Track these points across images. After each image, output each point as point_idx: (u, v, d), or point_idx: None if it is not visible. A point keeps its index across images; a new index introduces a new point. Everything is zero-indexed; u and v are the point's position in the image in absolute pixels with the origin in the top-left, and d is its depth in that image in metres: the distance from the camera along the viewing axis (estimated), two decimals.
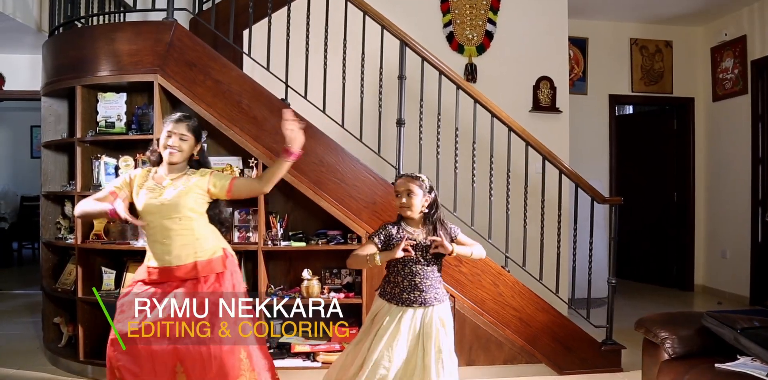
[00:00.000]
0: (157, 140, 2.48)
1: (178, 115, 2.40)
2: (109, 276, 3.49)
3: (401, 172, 3.41)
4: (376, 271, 3.32)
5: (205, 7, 4.29)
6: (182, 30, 3.30)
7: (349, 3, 3.37)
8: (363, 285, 3.32)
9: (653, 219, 6.11)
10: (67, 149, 3.82)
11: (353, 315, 3.46)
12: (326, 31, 3.40)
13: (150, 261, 2.37)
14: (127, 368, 2.20)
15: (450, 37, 4.48)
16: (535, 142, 3.49)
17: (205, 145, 3.38)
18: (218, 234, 2.47)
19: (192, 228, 2.33)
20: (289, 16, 3.41)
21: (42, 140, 3.77)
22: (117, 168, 3.46)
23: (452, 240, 2.35)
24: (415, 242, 2.29)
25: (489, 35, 4.53)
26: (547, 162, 3.54)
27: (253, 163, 3.39)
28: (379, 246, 2.30)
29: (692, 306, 5.41)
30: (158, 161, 2.44)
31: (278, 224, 3.41)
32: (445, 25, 4.51)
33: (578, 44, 5.51)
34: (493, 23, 4.54)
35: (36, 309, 5.04)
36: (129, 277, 3.39)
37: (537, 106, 4.54)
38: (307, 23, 3.41)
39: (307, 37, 3.40)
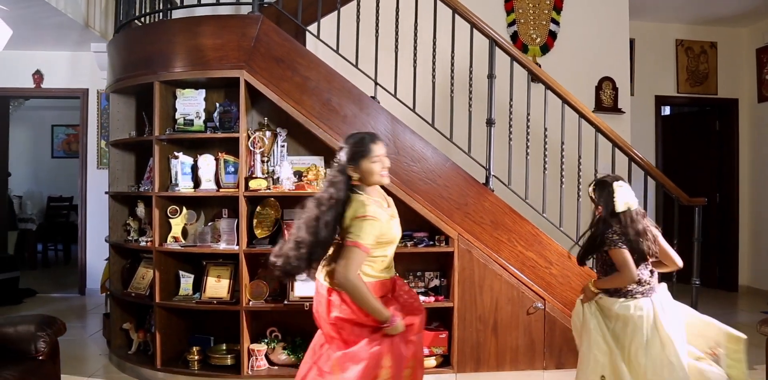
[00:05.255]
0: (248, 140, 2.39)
1: (373, 135, 2.23)
2: (186, 281, 3.37)
3: (492, 173, 3.36)
4: (467, 274, 3.26)
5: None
6: (269, 24, 3.19)
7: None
8: (454, 289, 3.24)
9: (683, 220, 6.10)
10: (134, 148, 3.69)
11: (440, 319, 3.39)
12: (415, 28, 3.33)
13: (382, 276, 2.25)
14: None
15: (514, 37, 4.43)
16: (623, 142, 3.45)
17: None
18: None
19: None
20: (378, 12, 3.33)
21: (110, 139, 3.63)
22: (195, 167, 3.34)
23: None
24: None
25: (552, 35, 4.49)
26: (631, 162, 3.51)
27: None
28: None
29: (738, 306, 5.42)
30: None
31: None
32: (509, 25, 4.46)
33: None
34: (557, 23, 4.50)
35: (79, 313, 4.89)
36: (210, 281, 3.28)
37: (599, 107, 4.52)
38: (396, 20, 3.33)
39: (396, 33, 3.33)
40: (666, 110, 6.63)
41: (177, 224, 3.32)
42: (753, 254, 5.77)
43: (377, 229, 2.08)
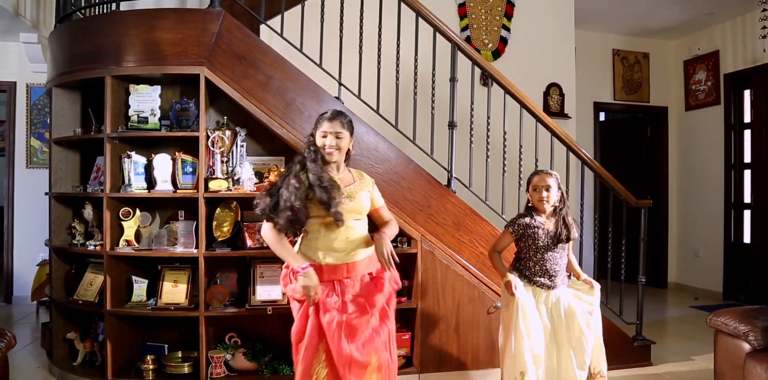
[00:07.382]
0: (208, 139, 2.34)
1: (330, 113, 2.33)
2: (140, 286, 3.20)
3: (453, 175, 3.40)
4: (430, 275, 3.28)
5: None
6: (231, 20, 3.09)
7: (402, 3, 3.31)
8: (417, 290, 3.26)
9: (628, 221, 6.44)
10: (79, 146, 3.47)
11: (403, 320, 3.39)
12: (380, 28, 3.33)
13: (325, 258, 2.26)
14: None
15: (467, 41, 4.51)
16: (576, 146, 3.59)
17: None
18: None
19: (364, 226, 2.40)
20: (342, 12, 3.30)
21: (53, 136, 3.39)
22: (149, 167, 3.18)
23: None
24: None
25: (504, 41, 4.61)
26: (581, 163, 3.66)
27: None
28: (515, 236, 2.61)
29: (668, 301, 5.78)
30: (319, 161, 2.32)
31: None
32: (462, 29, 4.54)
33: None
34: (508, 29, 4.63)
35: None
36: (166, 286, 3.13)
37: (547, 112, 4.66)
38: (361, 20, 3.31)
39: (361, 33, 3.31)
40: (601, 116, 6.98)
41: (130, 227, 3.15)
42: (681, 252, 6.17)
43: None
